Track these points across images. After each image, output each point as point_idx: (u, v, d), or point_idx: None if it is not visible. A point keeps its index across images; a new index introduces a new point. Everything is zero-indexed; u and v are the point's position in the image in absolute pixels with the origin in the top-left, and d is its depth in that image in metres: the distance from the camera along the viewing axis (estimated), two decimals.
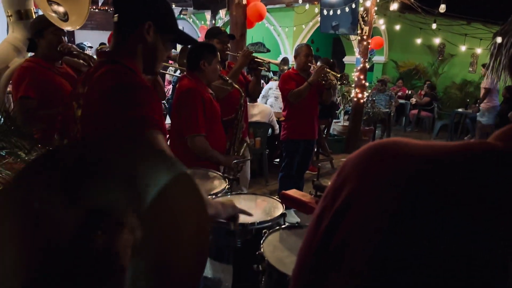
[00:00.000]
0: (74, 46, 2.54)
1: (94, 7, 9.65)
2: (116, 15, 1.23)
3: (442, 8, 4.71)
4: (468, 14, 8.27)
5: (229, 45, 3.15)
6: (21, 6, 2.56)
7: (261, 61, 3.09)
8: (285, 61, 3.15)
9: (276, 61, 3.25)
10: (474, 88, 9.47)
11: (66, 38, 2.53)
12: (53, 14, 2.39)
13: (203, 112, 2.25)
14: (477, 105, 7.95)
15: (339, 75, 3.83)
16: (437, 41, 8.43)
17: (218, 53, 2.43)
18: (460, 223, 0.43)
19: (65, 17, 2.48)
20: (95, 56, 9.70)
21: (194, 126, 2.22)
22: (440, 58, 10.06)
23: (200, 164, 2.25)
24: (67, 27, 2.45)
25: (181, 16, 7.93)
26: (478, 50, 8.49)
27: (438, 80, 9.98)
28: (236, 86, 2.56)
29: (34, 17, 2.64)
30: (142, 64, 1.29)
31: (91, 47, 8.72)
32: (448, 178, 0.45)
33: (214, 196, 1.81)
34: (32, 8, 2.65)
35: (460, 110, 8.23)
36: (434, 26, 6.29)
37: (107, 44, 8.72)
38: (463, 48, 8.22)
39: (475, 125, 8.11)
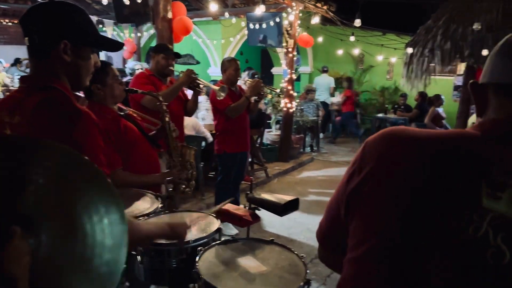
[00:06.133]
0: None
1: (7, 21, 8.93)
2: (26, 38, 1.14)
3: (357, 22, 5.08)
4: (383, 26, 8.99)
5: (173, 62, 3.16)
6: None
7: (201, 82, 3.13)
8: (223, 89, 3.19)
9: (215, 86, 3.28)
10: (391, 94, 10.26)
11: None
12: None
13: (110, 144, 2.05)
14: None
15: (278, 90, 3.97)
16: (356, 51, 9.01)
17: (112, 67, 2.19)
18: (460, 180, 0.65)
19: None
20: (5, 73, 8.76)
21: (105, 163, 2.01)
22: (361, 67, 10.76)
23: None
24: None
25: (104, 29, 7.62)
26: (393, 59, 9.23)
27: (361, 88, 10.65)
28: (155, 94, 2.40)
29: None
30: (69, 83, 1.22)
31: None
32: (457, 155, 0.67)
33: (146, 217, 1.76)
34: None
35: (380, 115, 8.84)
36: (352, 38, 6.74)
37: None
38: (380, 57, 8.89)
39: None
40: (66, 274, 0.69)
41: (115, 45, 1.34)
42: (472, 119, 6.29)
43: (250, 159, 5.47)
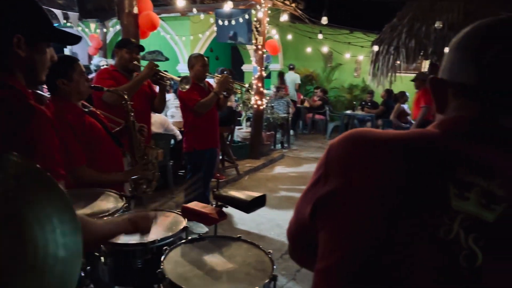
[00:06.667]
0: None
1: None
2: None
3: (324, 20, 5.15)
4: (350, 24, 9.15)
5: (138, 56, 3.09)
6: None
7: (164, 75, 3.05)
8: (187, 80, 3.13)
9: (177, 78, 3.22)
10: (359, 91, 10.48)
11: None
12: None
13: (75, 140, 2.01)
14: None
15: (247, 85, 3.96)
16: (325, 49, 9.13)
17: (79, 63, 2.14)
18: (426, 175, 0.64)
19: None
20: None
21: (68, 159, 1.90)
22: (329, 65, 10.92)
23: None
24: None
25: (68, 24, 7.36)
26: (360, 57, 9.42)
27: (330, 85, 10.81)
28: (119, 92, 2.36)
29: None
30: (24, 80, 1.16)
31: None
32: (426, 154, 0.66)
33: (110, 217, 1.71)
34: None
35: (348, 112, 9.01)
36: (320, 36, 6.82)
37: None
38: (347, 55, 9.05)
39: (362, 125, 8.97)
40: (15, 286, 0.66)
41: (72, 38, 1.29)
42: None
43: (220, 157, 5.44)
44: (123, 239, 1.62)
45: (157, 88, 3.29)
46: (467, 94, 0.69)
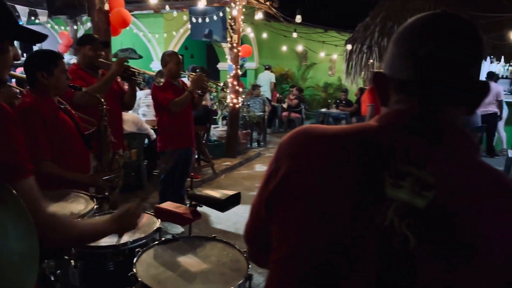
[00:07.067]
0: None
1: None
2: None
3: (298, 18, 5.17)
4: (324, 23, 9.24)
5: (103, 52, 2.98)
6: None
7: (135, 70, 2.96)
8: (161, 73, 3.06)
9: (152, 72, 3.14)
10: (333, 90, 10.60)
11: None
12: None
13: (45, 133, 1.97)
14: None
15: (222, 83, 3.94)
16: (299, 48, 9.19)
17: (63, 60, 2.15)
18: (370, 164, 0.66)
19: None
20: None
21: (35, 150, 1.89)
22: (304, 64, 11.00)
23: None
24: None
25: (37, 21, 7.11)
26: (335, 56, 9.53)
27: (305, 84, 10.89)
28: (97, 95, 2.34)
29: None
30: None
31: None
32: (368, 147, 0.68)
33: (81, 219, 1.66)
34: None
35: (323, 110, 9.11)
36: (295, 35, 6.85)
37: None
38: (322, 54, 9.15)
39: (337, 123, 9.09)
40: None
41: (37, 37, 1.23)
42: None
43: (196, 156, 5.38)
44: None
45: (126, 85, 3.22)
46: (405, 89, 0.71)
